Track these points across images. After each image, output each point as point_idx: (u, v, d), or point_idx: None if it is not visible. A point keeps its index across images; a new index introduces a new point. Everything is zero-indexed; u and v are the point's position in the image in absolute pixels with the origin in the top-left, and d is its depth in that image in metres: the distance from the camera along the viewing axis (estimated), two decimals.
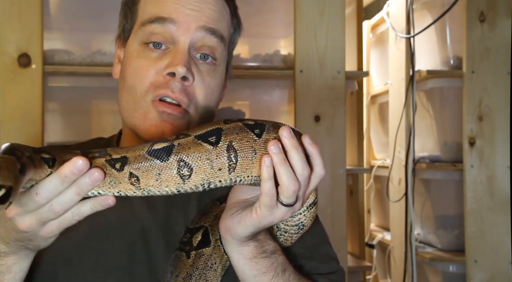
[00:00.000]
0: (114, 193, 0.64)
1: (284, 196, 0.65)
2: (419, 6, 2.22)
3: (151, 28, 0.82)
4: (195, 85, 0.82)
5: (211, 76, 0.84)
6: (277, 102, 1.96)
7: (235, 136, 0.65)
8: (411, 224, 2.13)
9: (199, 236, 0.76)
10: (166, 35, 0.82)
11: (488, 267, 1.96)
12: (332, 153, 1.79)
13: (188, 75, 0.80)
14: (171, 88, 0.80)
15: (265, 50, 1.88)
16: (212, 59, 0.85)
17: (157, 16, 0.82)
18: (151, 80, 0.81)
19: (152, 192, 0.64)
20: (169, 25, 0.81)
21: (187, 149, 0.64)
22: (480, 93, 1.98)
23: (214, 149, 0.64)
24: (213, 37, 0.83)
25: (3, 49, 1.58)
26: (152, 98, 0.81)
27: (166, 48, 0.82)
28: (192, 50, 0.83)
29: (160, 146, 0.64)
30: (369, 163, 2.73)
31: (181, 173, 0.63)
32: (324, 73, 1.79)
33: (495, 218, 1.97)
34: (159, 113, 0.80)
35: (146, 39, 0.83)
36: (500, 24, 1.97)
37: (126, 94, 0.84)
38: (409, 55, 2.16)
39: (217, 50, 0.85)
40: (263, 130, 0.67)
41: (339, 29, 1.80)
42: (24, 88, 1.59)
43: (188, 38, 0.82)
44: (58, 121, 1.74)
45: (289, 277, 0.74)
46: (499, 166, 1.98)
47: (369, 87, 2.76)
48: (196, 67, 0.83)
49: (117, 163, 0.64)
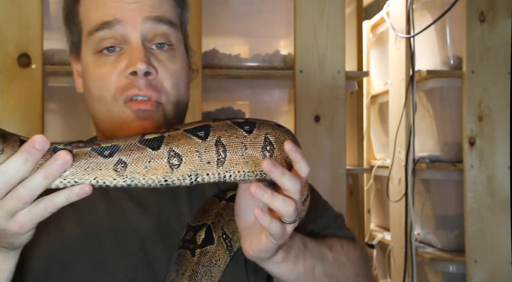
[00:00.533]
0: (90, 181, 0.63)
1: (287, 217, 0.66)
2: (419, 6, 2.22)
3: (100, 35, 0.81)
4: (160, 77, 0.82)
5: (173, 62, 0.83)
6: (277, 102, 1.96)
7: (223, 133, 0.67)
8: (411, 224, 2.13)
9: (202, 234, 0.77)
10: (117, 37, 0.81)
11: (488, 267, 1.96)
12: (332, 153, 1.78)
13: (150, 70, 0.79)
14: (137, 86, 0.79)
15: (265, 50, 1.88)
16: (168, 46, 0.83)
17: (101, 22, 0.81)
18: (116, 84, 0.81)
19: (135, 180, 0.64)
20: (116, 26, 0.80)
21: (177, 140, 0.65)
22: (480, 93, 1.98)
23: (203, 142, 0.65)
24: (162, 24, 0.82)
25: (3, 49, 1.58)
26: (123, 101, 0.80)
27: (120, 49, 0.82)
28: (146, 43, 0.82)
29: (151, 136, 0.65)
30: (369, 163, 2.73)
31: (171, 162, 0.64)
32: (324, 73, 1.79)
33: (495, 218, 1.97)
34: (135, 113, 0.80)
35: (98, 47, 0.82)
36: (500, 24, 1.97)
37: (96, 104, 0.84)
38: (409, 55, 2.16)
39: (170, 35, 0.84)
40: (254, 126, 0.68)
41: (339, 29, 1.80)
42: (24, 88, 1.59)
43: (138, 33, 0.81)
44: (58, 121, 1.74)
45: (311, 248, 0.78)
46: (499, 166, 1.98)
47: (369, 87, 2.76)
48: (156, 59, 0.82)
49: (106, 151, 0.64)
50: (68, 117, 1.76)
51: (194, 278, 0.75)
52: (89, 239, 0.81)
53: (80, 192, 0.61)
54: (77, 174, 0.63)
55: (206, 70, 1.74)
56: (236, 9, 1.89)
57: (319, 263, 0.79)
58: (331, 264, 0.81)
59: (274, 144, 0.68)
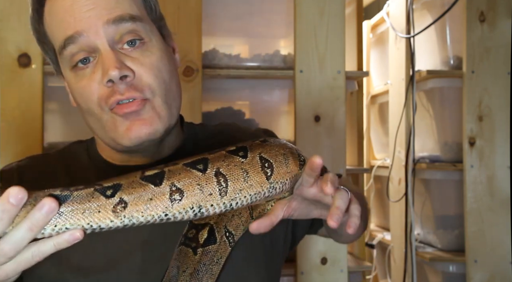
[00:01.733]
0: (83, 225, 0.61)
1: None
2: (419, 6, 2.22)
3: (68, 52, 0.81)
4: (139, 75, 0.80)
5: (148, 56, 0.82)
6: (277, 102, 1.96)
7: (221, 163, 0.68)
8: (411, 224, 2.13)
9: (205, 234, 0.77)
10: (85, 49, 0.80)
11: (488, 267, 1.96)
12: (332, 153, 1.78)
13: (124, 73, 0.78)
14: (118, 92, 0.79)
15: (265, 50, 1.88)
16: (139, 41, 0.81)
17: (64, 38, 0.80)
18: (98, 95, 0.80)
19: (133, 219, 0.64)
20: (79, 39, 0.79)
21: (178, 175, 0.66)
22: (480, 93, 1.98)
23: (203, 175, 0.66)
24: (124, 22, 0.80)
25: (3, 49, 1.58)
26: (109, 108, 0.80)
27: (94, 59, 0.81)
28: (115, 46, 0.80)
29: (152, 172, 0.65)
30: (369, 163, 2.73)
31: (173, 198, 0.65)
32: (324, 73, 1.79)
33: (495, 218, 1.97)
34: (124, 117, 0.80)
35: (72, 62, 0.81)
36: (500, 24, 1.97)
37: (88, 117, 0.84)
38: (409, 55, 2.16)
39: (137, 30, 0.81)
40: (246, 150, 0.70)
41: (339, 29, 1.79)
42: (24, 88, 1.59)
43: (103, 39, 0.79)
44: (58, 121, 1.74)
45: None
46: (499, 166, 1.98)
47: (369, 87, 2.76)
48: (129, 58, 0.80)
49: (109, 190, 0.63)
50: (68, 117, 1.76)
51: (195, 276, 0.76)
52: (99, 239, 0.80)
53: (71, 238, 0.59)
54: (72, 219, 0.61)
55: (206, 70, 1.74)
56: (236, 9, 1.89)
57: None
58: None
59: (270, 159, 0.70)
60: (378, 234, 2.64)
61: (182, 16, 1.70)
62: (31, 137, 1.58)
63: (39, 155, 0.98)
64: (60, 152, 0.95)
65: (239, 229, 0.81)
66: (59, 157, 0.93)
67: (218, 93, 1.91)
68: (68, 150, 0.95)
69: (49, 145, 1.66)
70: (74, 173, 0.90)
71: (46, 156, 0.95)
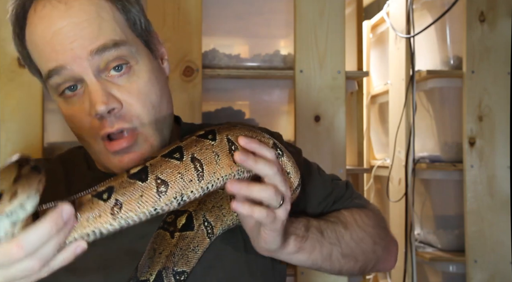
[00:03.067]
0: (89, 233, 0.62)
1: (271, 201, 0.68)
2: (419, 6, 2.22)
3: (53, 82, 0.80)
4: (126, 105, 0.79)
5: (135, 81, 0.80)
6: (277, 102, 1.96)
7: (194, 148, 0.70)
8: (411, 224, 2.13)
9: (183, 220, 0.79)
10: (70, 80, 0.79)
11: (488, 267, 1.96)
12: (332, 153, 1.78)
13: (111, 106, 0.77)
14: (107, 125, 0.78)
15: (265, 50, 1.88)
16: (125, 65, 0.79)
17: (49, 70, 0.79)
18: (89, 125, 0.80)
19: (129, 219, 0.65)
20: (63, 71, 0.78)
21: (159, 167, 0.68)
22: (480, 93, 1.98)
23: (181, 163, 0.68)
24: (108, 50, 0.77)
25: (3, 49, 1.58)
26: (101, 139, 0.80)
27: (81, 86, 0.80)
28: (101, 74, 0.78)
29: (136, 169, 0.67)
30: (369, 163, 2.73)
31: (159, 190, 0.67)
32: (324, 73, 1.78)
33: (495, 218, 1.97)
34: (116, 154, 0.80)
35: (58, 91, 0.81)
36: (500, 24, 1.97)
37: (81, 140, 0.84)
38: (409, 55, 2.16)
39: (122, 55, 0.79)
40: (214, 133, 0.72)
41: (339, 29, 1.79)
42: (24, 88, 1.59)
43: (88, 71, 0.77)
44: (58, 121, 1.73)
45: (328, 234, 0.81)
46: (499, 166, 1.98)
47: (369, 87, 2.76)
48: (116, 86, 0.79)
49: (104, 194, 0.65)
50: None
51: (171, 259, 0.77)
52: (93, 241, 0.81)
53: (78, 250, 0.60)
54: (79, 228, 0.61)
55: (206, 70, 1.74)
56: (236, 9, 1.89)
57: (336, 247, 0.82)
58: (349, 243, 0.84)
59: (235, 142, 0.71)
60: None
61: (182, 16, 1.70)
62: (31, 137, 1.58)
63: (40, 159, 0.98)
64: (60, 156, 0.95)
65: (219, 221, 0.81)
66: (59, 161, 0.93)
67: (218, 93, 1.91)
68: (68, 155, 0.95)
69: (49, 145, 1.66)
70: (72, 178, 0.90)
71: (47, 161, 0.95)
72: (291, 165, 0.76)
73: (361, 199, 0.97)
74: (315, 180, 0.95)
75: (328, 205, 0.93)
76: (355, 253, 0.85)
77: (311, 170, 0.96)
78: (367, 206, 0.96)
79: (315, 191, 0.93)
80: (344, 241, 0.84)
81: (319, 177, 0.96)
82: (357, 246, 0.85)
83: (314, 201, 0.92)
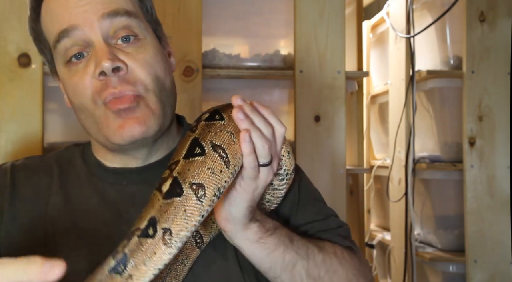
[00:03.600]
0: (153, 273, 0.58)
1: (261, 156, 0.68)
2: (419, 6, 2.22)
3: (62, 46, 0.81)
4: (132, 69, 0.80)
5: (142, 52, 0.82)
6: (277, 102, 1.96)
7: (210, 135, 0.66)
8: (411, 224, 2.13)
9: None
10: (79, 43, 0.80)
11: (488, 267, 1.96)
12: (332, 153, 1.78)
13: (116, 65, 0.78)
14: (111, 85, 0.78)
15: (265, 50, 1.88)
16: (133, 37, 0.82)
17: (59, 32, 0.80)
18: (92, 89, 0.80)
19: (183, 238, 0.60)
20: (73, 32, 0.80)
21: (187, 172, 0.63)
22: (480, 93, 1.98)
23: (206, 156, 0.64)
24: (119, 17, 0.81)
25: (3, 49, 1.58)
26: (102, 103, 0.80)
27: (88, 54, 0.81)
28: (109, 41, 0.81)
29: (167, 185, 0.62)
30: (369, 163, 2.73)
31: (199, 196, 0.62)
32: (324, 73, 1.79)
33: (495, 218, 1.97)
34: (116, 113, 0.79)
35: (66, 57, 0.82)
36: (500, 24, 1.97)
37: (81, 114, 0.83)
38: (409, 55, 2.16)
39: (132, 26, 0.82)
40: (219, 113, 0.69)
41: (339, 29, 1.79)
42: (24, 88, 1.59)
43: (97, 33, 0.80)
44: (58, 121, 1.73)
45: (298, 244, 0.77)
46: (499, 166, 1.98)
47: (369, 87, 2.76)
48: (123, 53, 0.80)
49: (149, 229, 0.59)
50: (68, 117, 1.76)
51: (158, 275, 0.74)
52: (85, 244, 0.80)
53: None
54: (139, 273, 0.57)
55: (206, 70, 1.74)
56: (236, 9, 1.89)
57: (303, 261, 0.77)
58: (318, 265, 0.78)
59: None
60: (378, 234, 2.64)
61: (182, 16, 1.70)
62: (31, 138, 1.58)
63: (36, 156, 0.98)
64: (57, 154, 0.95)
65: (208, 229, 0.79)
66: (55, 159, 0.93)
67: (218, 93, 1.91)
68: (65, 152, 0.95)
69: (49, 145, 1.66)
70: (67, 175, 0.90)
71: (43, 157, 0.95)
72: (288, 145, 0.75)
73: (353, 243, 0.89)
74: (308, 199, 0.91)
75: (314, 229, 0.88)
76: (323, 280, 0.78)
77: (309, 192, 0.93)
78: (356, 251, 0.87)
79: (304, 210, 0.89)
80: (313, 260, 0.78)
81: (312, 201, 0.92)
82: (327, 274, 0.79)
83: (300, 219, 0.88)
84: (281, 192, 0.79)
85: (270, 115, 0.71)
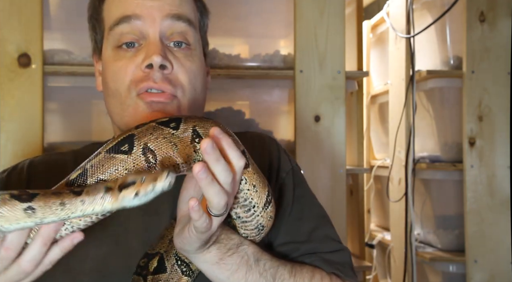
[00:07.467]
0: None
1: (215, 209, 0.62)
2: (419, 6, 2.22)
3: (119, 30, 0.83)
4: (176, 72, 0.82)
5: (190, 61, 0.84)
6: (277, 102, 1.96)
7: (149, 137, 0.64)
8: (411, 224, 2.13)
9: (155, 262, 0.75)
10: (135, 32, 0.82)
11: (488, 267, 1.96)
12: (332, 153, 1.78)
13: (165, 63, 0.80)
14: (152, 79, 0.80)
15: (265, 50, 1.88)
16: (186, 45, 0.85)
17: (121, 16, 0.83)
18: (131, 77, 0.81)
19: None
20: (135, 21, 0.82)
21: (101, 167, 0.62)
22: (480, 93, 1.98)
23: (129, 156, 0.63)
24: (181, 22, 0.84)
25: (3, 49, 1.58)
26: (136, 93, 0.81)
27: (139, 45, 0.83)
28: (164, 40, 0.83)
29: (75, 175, 0.62)
30: (369, 163, 2.73)
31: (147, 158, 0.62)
32: (324, 73, 1.78)
33: (495, 218, 1.97)
34: (148, 104, 0.80)
35: (118, 42, 0.83)
36: (500, 24, 1.97)
37: (111, 99, 0.85)
38: (409, 55, 2.16)
39: (188, 34, 0.85)
40: (179, 122, 0.67)
41: (339, 29, 1.79)
42: (24, 88, 1.59)
43: (156, 29, 0.82)
44: (58, 121, 1.73)
45: (264, 266, 0.73)
46: (499, 166, 1.98)
47: (369, 87, 2.76)
48: (172, 55, 0.83)
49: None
50: (68, 117, 1.76)
51: None
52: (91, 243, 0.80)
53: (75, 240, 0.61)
54: None
55: None
56: (236, 9, 1.89)
57: None
58: None
59: (203, 136, 0.65)
60: (378, 234, 2.64)
61: None
62: (31, 137, 1.58)
63: (55, 152, 0.99)
64: (75, 151, 0.96)
65: None
66: (72, 155, 0.93)
67: (218, 93, 1.91)
68: (83, 150, 0.95)
69: (49, 145, 1.66)
70: None
71: (61, 154, 0.96)
72: (256, 177, 0.69)
73: (348, 271, 0.82)
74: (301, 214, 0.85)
75: (298, 252, 0.82)
76: None
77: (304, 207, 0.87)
78: (346, 279, 0.81)
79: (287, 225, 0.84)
80: None
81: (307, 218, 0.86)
82: None
83: (280, 237, 0.83)
84: (252, 223, 0.72)
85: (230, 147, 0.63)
